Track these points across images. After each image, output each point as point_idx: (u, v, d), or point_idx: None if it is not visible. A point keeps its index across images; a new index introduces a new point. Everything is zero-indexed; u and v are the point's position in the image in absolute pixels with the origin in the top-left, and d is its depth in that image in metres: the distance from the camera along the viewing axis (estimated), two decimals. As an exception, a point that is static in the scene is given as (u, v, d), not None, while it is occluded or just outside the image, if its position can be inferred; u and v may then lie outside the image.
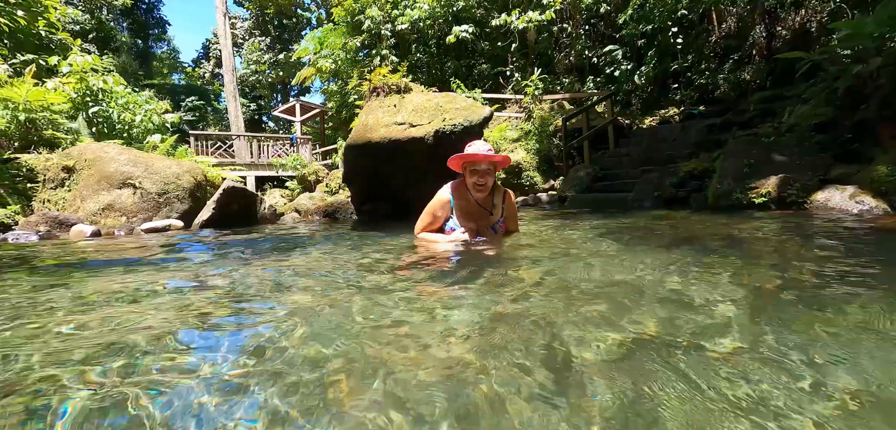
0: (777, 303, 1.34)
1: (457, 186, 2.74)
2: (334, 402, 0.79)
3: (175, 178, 6.58)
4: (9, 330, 1.28)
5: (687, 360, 0.91)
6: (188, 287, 1.88)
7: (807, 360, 0.89)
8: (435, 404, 0.76)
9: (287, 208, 8.25)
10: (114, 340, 1.13)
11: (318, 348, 1.03)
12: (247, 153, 17.23)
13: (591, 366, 0.90)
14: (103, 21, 29.48)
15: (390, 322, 1.23)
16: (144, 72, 33.93)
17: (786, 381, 0.81)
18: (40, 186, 6.45)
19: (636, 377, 0.84)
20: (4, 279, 2.19)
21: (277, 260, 2.60)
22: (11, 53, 11.55)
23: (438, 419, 0.71)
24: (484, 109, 4.88)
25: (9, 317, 1.42)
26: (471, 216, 2.70)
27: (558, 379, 0.84)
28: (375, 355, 0.98)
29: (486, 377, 0.85)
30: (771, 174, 4.78)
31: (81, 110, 9.64)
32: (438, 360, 0.95)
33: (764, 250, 2.47)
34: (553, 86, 14.34)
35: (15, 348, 1.11)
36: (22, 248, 3.63)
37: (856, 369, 0.85)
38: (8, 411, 0.79)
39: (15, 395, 0.85)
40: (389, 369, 0.90)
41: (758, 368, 0.87)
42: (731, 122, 8.57)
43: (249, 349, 1.05)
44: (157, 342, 1.11)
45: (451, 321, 1.23)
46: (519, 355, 0.96)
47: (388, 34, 15.97)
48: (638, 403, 0.74)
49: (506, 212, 2.83)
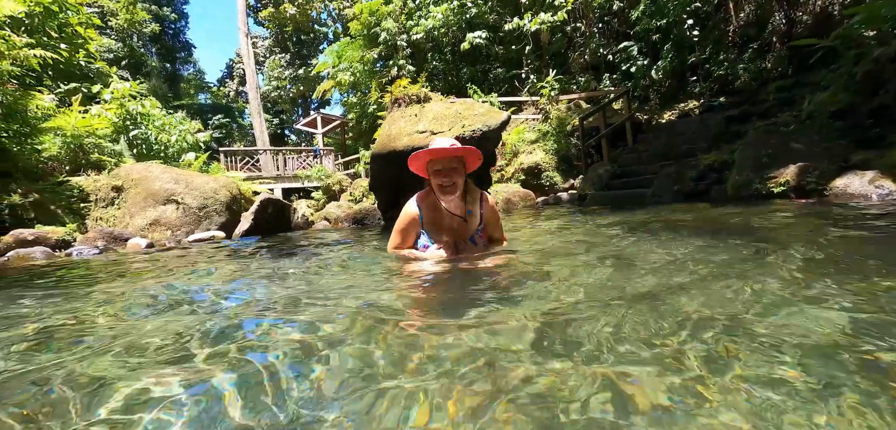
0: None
1: (423, 196, 2.37)
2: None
3: (213, 193, 7.02)
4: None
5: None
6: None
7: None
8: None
9: (317, 217, 8.64)
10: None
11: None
12: (272, 166, 17.88)
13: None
14: (134, 48, 31.03)
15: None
16: (173, 93, 35.42)
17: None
18: (93, 206, 6.98)
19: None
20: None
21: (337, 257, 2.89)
22: (56, 84, 12.40)
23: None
24: (501, 113, 5.11)
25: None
26: (443, 228, 2.33)
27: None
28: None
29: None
30: (790, 163, 4.83)
31: (122, 134, 10.29)
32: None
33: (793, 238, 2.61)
34: (569, 85, 14.43)
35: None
36: (87, 262, 4.04)
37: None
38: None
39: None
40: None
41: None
42: (750, 112, 8.53)
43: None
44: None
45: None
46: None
47: (403, 44, 16.37)
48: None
49: (486, 219, 2.42)
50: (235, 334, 1.30)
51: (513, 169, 11.31)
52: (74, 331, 1.50)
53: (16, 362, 1.18)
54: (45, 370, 1.09)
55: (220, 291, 2.14)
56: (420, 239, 2.36)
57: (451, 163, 2.23)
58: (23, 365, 1.14)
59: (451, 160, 2.24)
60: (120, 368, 1.07)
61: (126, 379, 0.99)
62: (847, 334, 0.97)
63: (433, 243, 2.31)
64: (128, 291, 2.32)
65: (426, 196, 2.36)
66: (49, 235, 5.27)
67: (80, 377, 1.03)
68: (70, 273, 3.20)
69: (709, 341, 0.98)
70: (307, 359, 1.05)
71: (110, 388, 0.95)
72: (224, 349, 1.15)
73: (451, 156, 2.24)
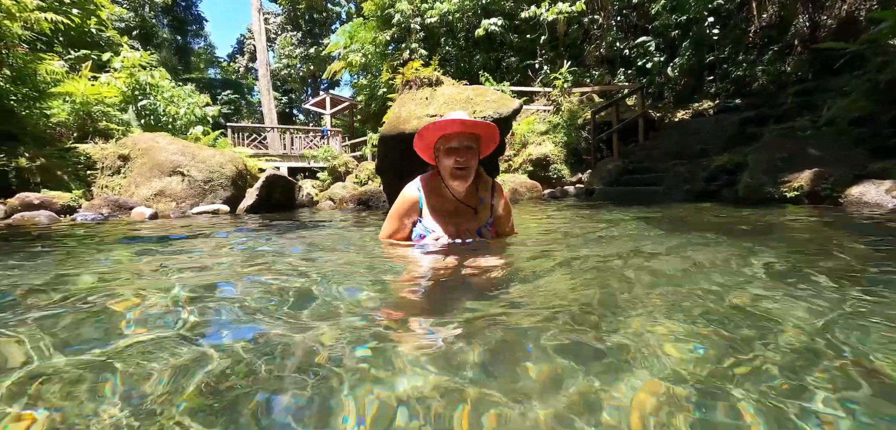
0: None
1: (428, 178, 2.07)
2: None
3: (219, 167, 7.00)
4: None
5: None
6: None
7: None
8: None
9: (321, 197, 8.61)
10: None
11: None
12: (279, 145, 17.86)
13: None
14: (146, 18, 30.93)
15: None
16: (183, 66, 35.40)
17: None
18: (99, 173, 7.00)
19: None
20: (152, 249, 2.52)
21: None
22: (66, 50, 12.41)
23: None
24: (513, 101, 5.02)
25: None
26: (448, 217, 2.01)
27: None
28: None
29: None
30: (805, 168, 4.71)
31: (131, 103, 10.29)
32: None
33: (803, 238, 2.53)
34: (582, 78, 14.22)
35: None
36: (89, 226, 4.04)
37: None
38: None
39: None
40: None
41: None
42: (767, 115, 8.35)
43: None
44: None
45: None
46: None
47: (417, 28, 16.18)
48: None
49: (497, 211, 2.12)
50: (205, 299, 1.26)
51: (521, 160, 11.21)
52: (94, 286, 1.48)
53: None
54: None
55: (208, 261, 2.11)
56: (416, 228, 2.03)
57: (466, 141, 1.91)
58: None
59: (468, 138, 1.92)
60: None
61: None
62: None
63: (432, 234, 1.98)
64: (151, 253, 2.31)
65: (431, 179, 2.06)
66: (54, 199, 5.27)
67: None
68: (89, 235, 3.20)
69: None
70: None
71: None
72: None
73: (467, 132, 1.92)
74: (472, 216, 2.05)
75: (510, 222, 2.23)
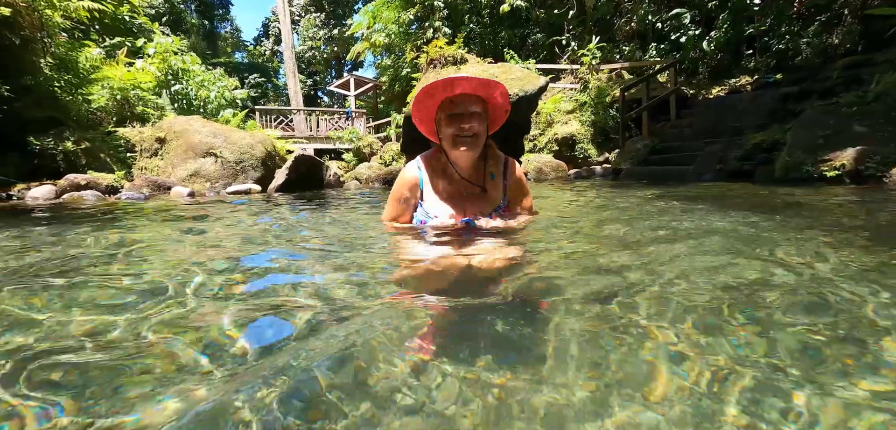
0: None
1: (429, 157, 1.82)
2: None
3: (249, 148, 7.20)
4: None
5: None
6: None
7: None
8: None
9: (347, 177, 8.76)
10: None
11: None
12: (305, 127, 18.14)
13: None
14: (174, 4, 31.64)
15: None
16: (211, 51, 36.14)
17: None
18: (138, 155, 7.31)
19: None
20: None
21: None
22: (102, 37, 12.88)
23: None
24: (540, 78, 4.94)
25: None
26: (453, 200, 1.76)
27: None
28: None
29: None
30: (848, 146, 4.47)
31: (165, 88, 10.64)
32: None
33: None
34: (612, 54, 13.77)
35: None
36: (138, 204, 4.26)
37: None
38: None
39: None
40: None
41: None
42: (810, 90, 7.91)
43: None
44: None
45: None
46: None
47: (440, 5, 15.95)
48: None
49: (511, 191, 1.84)
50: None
51: (546, 139, 11.04)
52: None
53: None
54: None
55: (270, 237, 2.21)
56: (416, 213, 1.80)
57: (471, 104, 1.66)
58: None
59: (472, 100, 1.67)
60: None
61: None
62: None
63: (433, 218, 1.74)
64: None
65: (432, 157, 1.81)
66: (100, 180, 5.57)
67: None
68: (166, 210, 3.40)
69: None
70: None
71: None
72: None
73: (472, 91, 1.67)
74: (481, 198, 1.77)
75: (528, 202, 1.92)
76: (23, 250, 1.92)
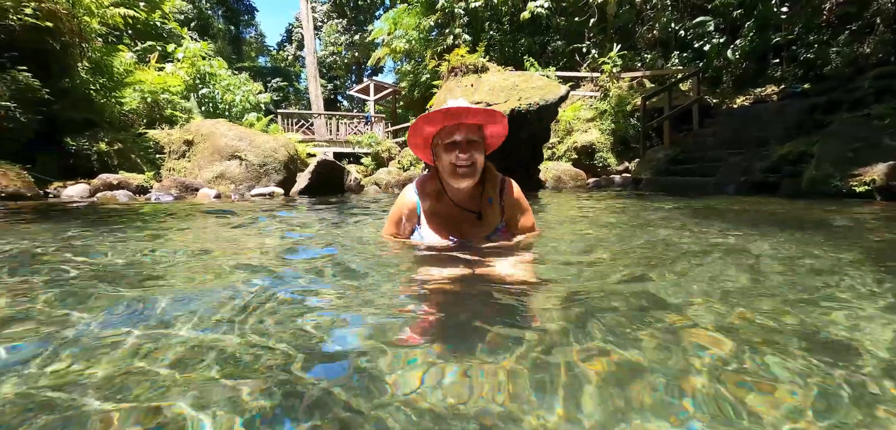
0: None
1: (424, 182, 1.80)
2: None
3: (273, 152, 7.38)
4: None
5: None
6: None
7: None
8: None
9: (367, 182, 8.88)
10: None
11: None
12: (325, 131, 18.44)
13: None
14: (202, 9, 32.63)
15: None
16: (236, 56, 37.10)
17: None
18: (166, 157, 7.57)
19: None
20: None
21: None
22: (134, 42, 13.38)
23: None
24: (560, 87, 4.95)
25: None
26: (449, 225, 1.75)
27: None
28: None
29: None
30: (879, 161, 4.34)
31: (193, 92, 10.99)
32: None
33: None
34: (633, 62, 13.63)
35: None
36: (168, 205, 4.42)
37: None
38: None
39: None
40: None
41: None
42: (839, 101, 7.68)
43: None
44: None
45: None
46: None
47: (461, 12, 16.06)
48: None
49: (507, 213, 1.80)
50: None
51: (565, 147, 10.99)
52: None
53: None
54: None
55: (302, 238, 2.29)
56: (414, 237, 1.81)
57: (471, 132, 1.62)
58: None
59: (471, 129, 1.62)
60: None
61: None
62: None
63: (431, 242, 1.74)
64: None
65: (427, 182, 1.78)
66: (131, 180, 5.79)
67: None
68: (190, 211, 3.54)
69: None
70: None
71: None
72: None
73: (472, 121, 1.63)
74: (475, 225, 1.74)
75: (529, 222, 1.85)
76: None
